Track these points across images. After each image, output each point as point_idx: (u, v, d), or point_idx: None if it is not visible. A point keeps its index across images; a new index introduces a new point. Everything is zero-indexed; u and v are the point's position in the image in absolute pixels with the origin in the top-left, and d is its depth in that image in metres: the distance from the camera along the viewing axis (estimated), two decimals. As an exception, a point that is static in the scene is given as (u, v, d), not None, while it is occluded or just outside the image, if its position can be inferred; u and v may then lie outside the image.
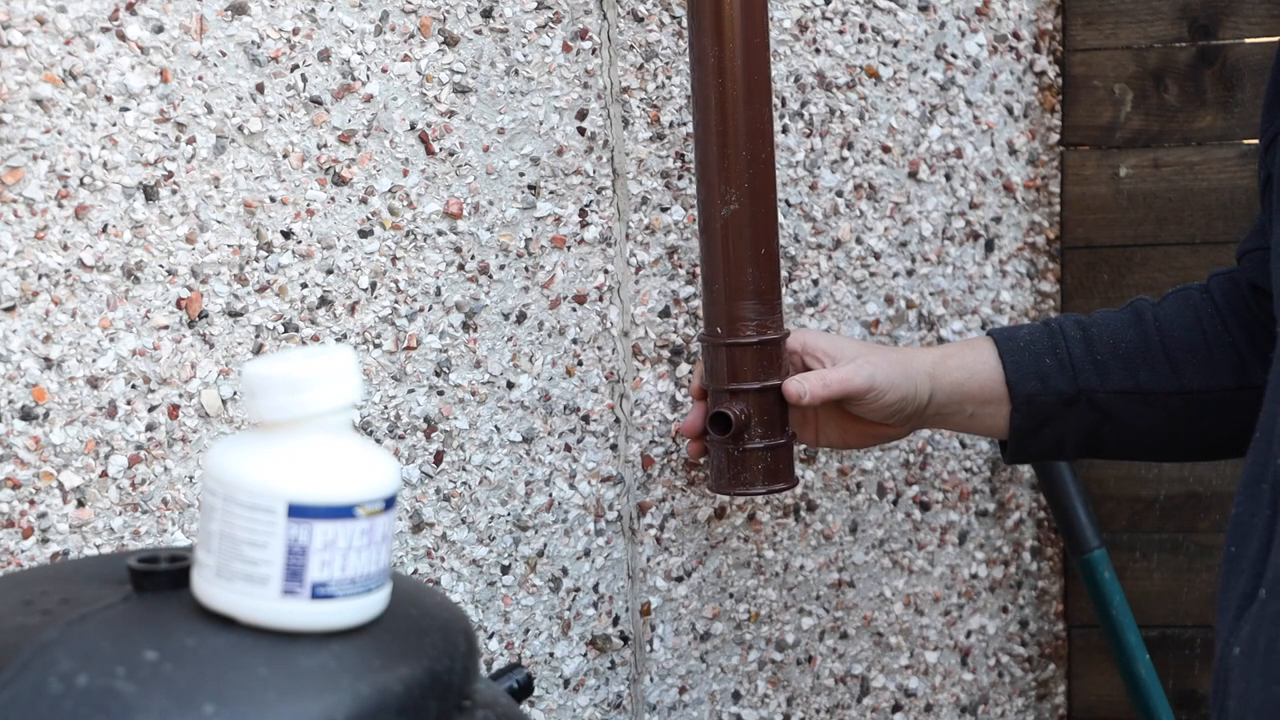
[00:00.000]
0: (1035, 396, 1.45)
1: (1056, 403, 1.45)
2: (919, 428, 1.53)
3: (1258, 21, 1.73)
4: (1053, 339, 1.46)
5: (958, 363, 1.48)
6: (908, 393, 1.46)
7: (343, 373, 0.91)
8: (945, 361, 1.48)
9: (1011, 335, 1.48)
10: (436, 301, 1.49)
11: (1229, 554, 1.21)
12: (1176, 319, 1.45)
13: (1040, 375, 1.45)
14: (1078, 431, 1.46)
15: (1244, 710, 1.12)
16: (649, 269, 1.60)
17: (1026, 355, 1.46)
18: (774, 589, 1.70)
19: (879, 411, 1.46)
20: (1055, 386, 1.45)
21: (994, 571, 1.82)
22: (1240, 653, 1.13)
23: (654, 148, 1.59)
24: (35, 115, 1.29)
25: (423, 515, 1.50)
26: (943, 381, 1.47)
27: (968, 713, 1.83)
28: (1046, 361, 1.45)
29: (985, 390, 1.47)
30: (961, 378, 1.47)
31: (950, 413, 1.48)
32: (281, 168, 1.40)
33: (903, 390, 1.45)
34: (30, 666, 0.86)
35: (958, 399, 1.47)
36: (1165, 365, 1.43)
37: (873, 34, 1.69)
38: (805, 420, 1.53)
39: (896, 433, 1.51)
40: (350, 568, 0.91)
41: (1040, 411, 1.45)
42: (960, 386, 1.47)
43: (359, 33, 1.43)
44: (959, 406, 1.48)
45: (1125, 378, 1.44)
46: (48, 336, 1.31)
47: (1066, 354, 1.45)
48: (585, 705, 1.61)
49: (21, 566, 1.32)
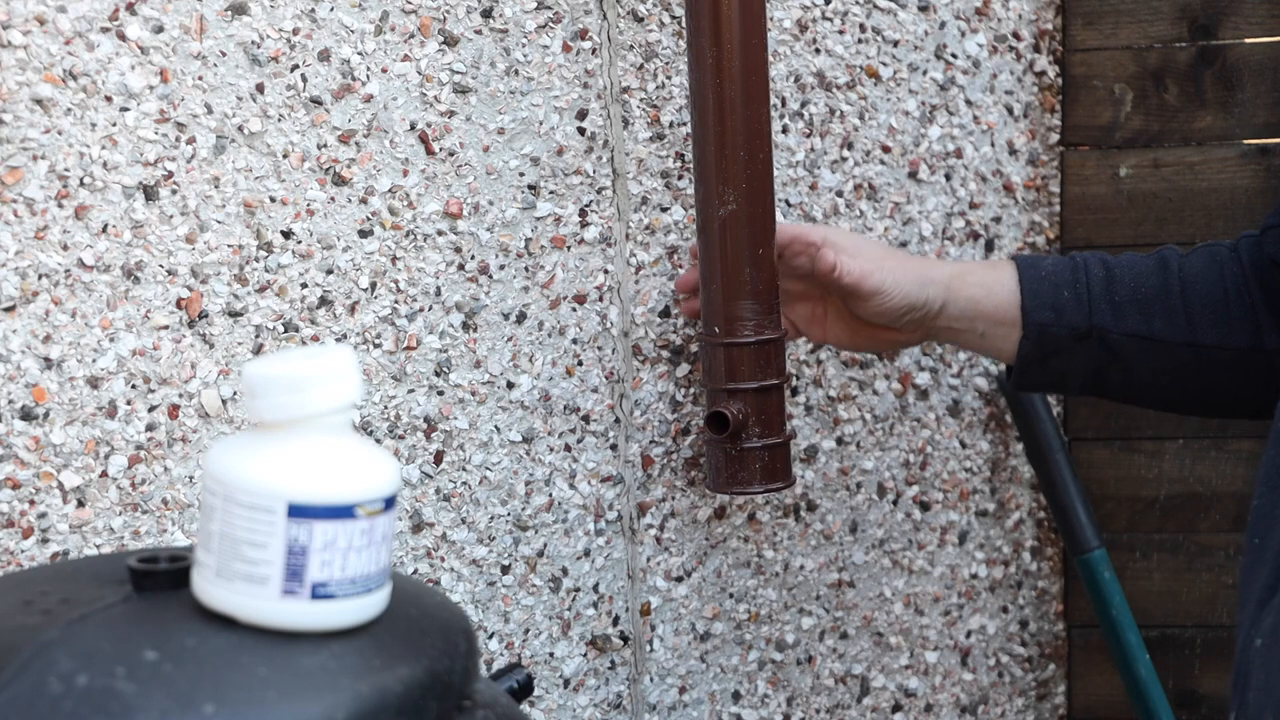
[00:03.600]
0: (1047, 326, 1.45)
1: (1068, 336, 1.45)
2: (928, 337, 1.53)
3: (1258, 21, 1.73)
4: (1075, 273, 1.46)
5: (977, 279, 1.48)
6: (917, 300, 1.46)
7: (343, 373, 0.91)
8: (964, 276, 1.48)
9: (1035, 263, 1.48)
10: (436, 301, 1.49)
11: (1251, 546, 1.20)
12: (1201, 272, 1.45)
13: (1056, 307, 1.45)
14: (1084, 368, 1.46)
15: (1265, 702, 1.12)
16: (649, 269, 1.60)
17: (1046, 285, 1.46)
18: (774, 589, 1.70)
19: (885, 315, 1.46)
20: (1069, 320, 1.44)
21: (994, 571, 1.82)
22: (1262, 644, 1.13)
23: (654, 148, 1.59)
24: (35, 115, 1.29)
25: (423, 515, 1.50)
26: (958, 295, 1.47)
27: (968, 713, 1.83)
28: (1064, 294, 1.45)
29: (999, 312, 1.47)
30: (978, 295, 1.47)
31: (961, 328, 1.49)
32: (281, 168, 1.40)
33: (912, 298, 1.45)
34: (30, 666, 0.86)
35: (970, 315, 1.47)
36: (1181, 315, 1.43)
37: (873, 34, 1.69)
38: (813, 317, 1.53)
39: (905, 338, 1.52)
40: (350, 568, 0.91)
41: (1050, 342, 1.45)
42: (975, 303, 1.47)
43: (359, 33, 1.43)
44: (970, 323, 1.48)
45: (1140, 322, 1.44)
46: (48, 336, 1.31)
47: (1086, 290, 1.45)
48: (585, 705, 1.61)
49: (21, 566, 1.32)
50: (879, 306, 1.46)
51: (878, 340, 1.53)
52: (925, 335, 1.52)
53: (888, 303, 1.46)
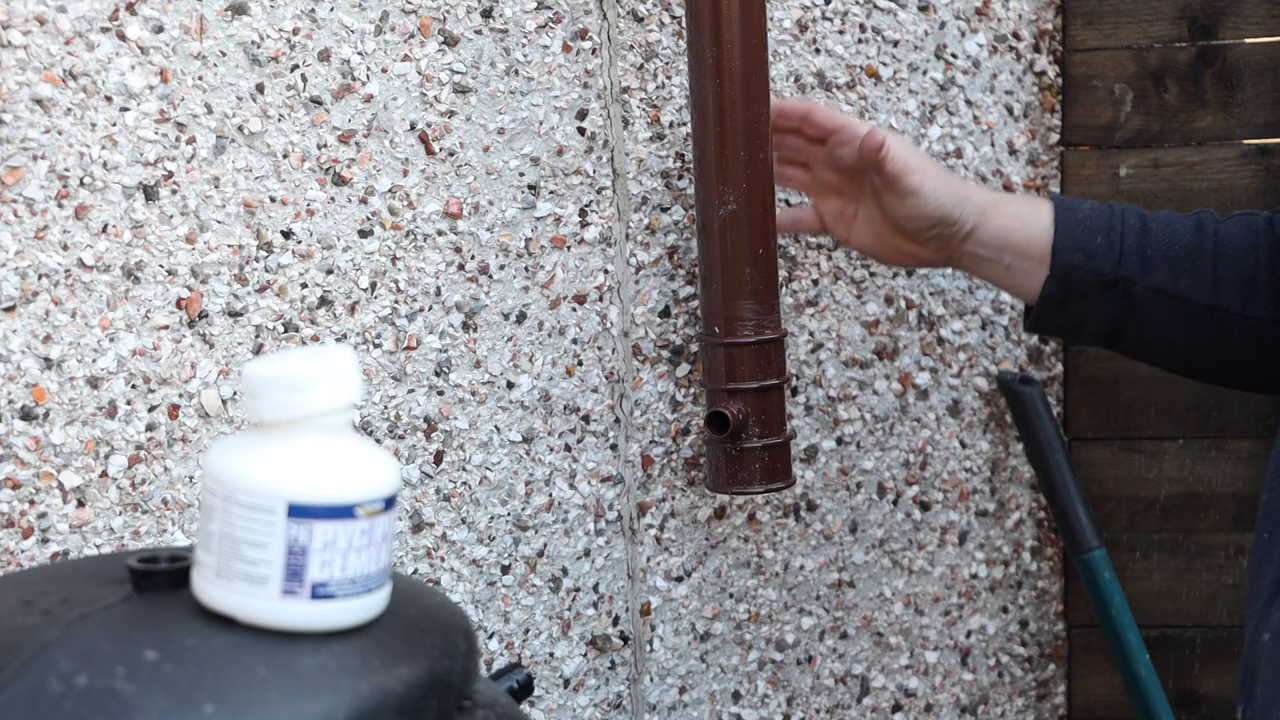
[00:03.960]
0: (1075, 269, 1.44)
1: (1093, 282, 1.44)
2: (950, 262, 1.51)
3: (1258, 21, 1.73)
4: (1110, 220, 1.45)
5: (1013, 210, 1.47)
6: (950, 212, 1.45)
7: (343, 373, 0.91)
8: (1000, 205, 1.47)
9: (1072, 205, 1.47)
10: (436, 301, 1.49)
11: (1260, 541, 1.20)
12: (1235, 238, 1.44)
13: (1086, 250, 1.44)
14: (1103, 317, 1.46)
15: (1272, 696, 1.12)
16: (649, 269, 1.60)
17: (1080, 227, 1.45)
18: (774, 589, 1.70)
19: (915, 220, 1.45)
20: (1097, 266, 1.44)
21: (994, 571, 1.82)
22: (1270, 639, 1.13)
23: (654, 148, 1.59)
24: (35, 115, 1.29)
25: (423, 515, 1.50)
26: (991, 222, 1.46)
27: (968, 713, 1.83)
28: (1097, 239, 1.44)
29: (1029, 246, 1.46)
30: (1012, 225, 1.46)
31: (987, 256, 1.48)
32: (281, 168, 1.40)
33: (946, 209, 1.44)
34: (30, 666, 0.86)
35: (999, 243, 1.46)
36: (1209, 278, 1.43)
37: (873, 34, 1.69)
38: (843, 215, 1.52)
39: (927, 255, 1.50)
40: (350, 568, 0.91)
41: (1075, 286, 1.45)
42: (1007, 233, 1.46)
43: (359, 33, 1.43)
44: (998, 253, 1.47)
45: (1167, 278, 1.43)
46: (48, 336, 1.31)
47: (1119, 238, 1.44)
48: (585, 705, 1.61)
49: (21, 566, 1.32)
50: (911, 209, 1.44)
51: (900, 252, 1.50)
52: (948, 258, 1.50)
53: (921, 207, 1.44)
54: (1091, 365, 1.79)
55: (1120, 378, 1.79)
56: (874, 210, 1.49)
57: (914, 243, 1.48)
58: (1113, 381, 1.80)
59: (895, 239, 1.49)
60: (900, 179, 1.44)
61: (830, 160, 1.50)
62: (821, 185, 1.52)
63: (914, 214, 1.44)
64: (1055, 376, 1.80)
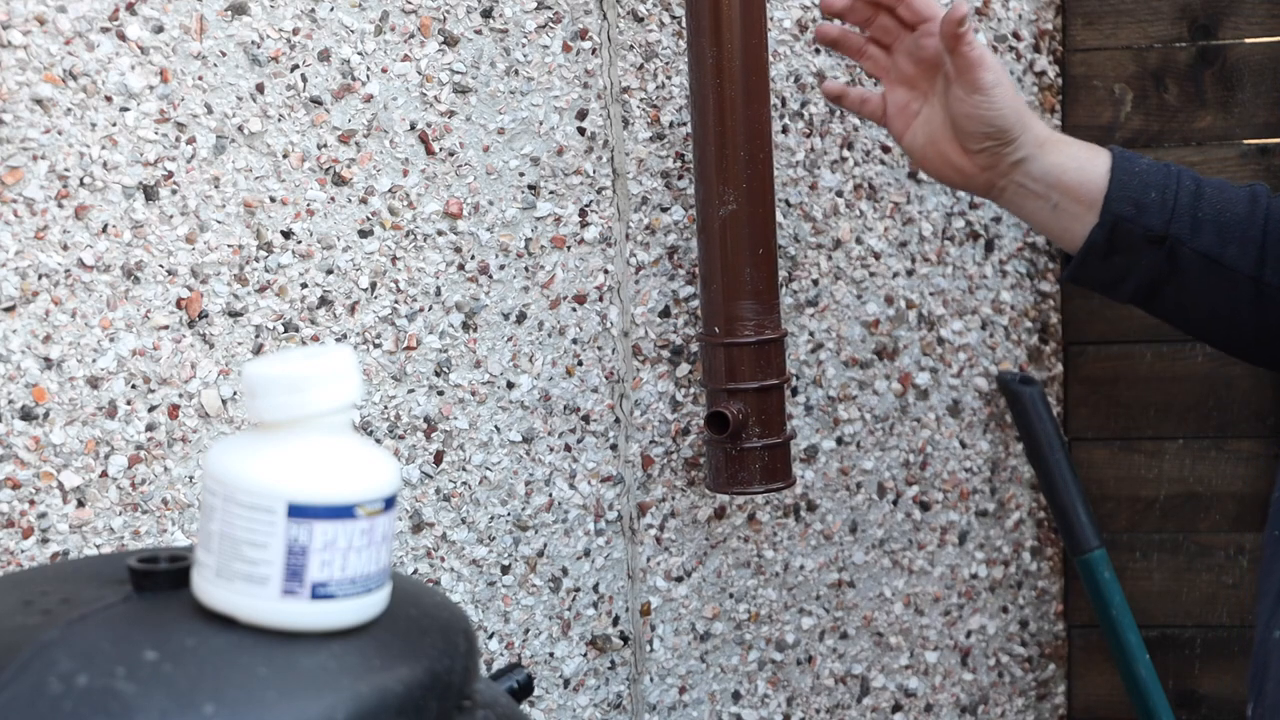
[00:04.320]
0: (1124, 220, 1.42)
1: (1141, 237, 1.42)
2: (994, 188, 1.48)
3: (1258, 21, 1.73)
4: (1166, 179, 1.44)
5: (1071, 151, 1.45)
6: (1010, 127, 1.42)
7: (343, 373, 0.91)
8: (1059, 144, 1.45)
9: (1131, 158, 1.45)
10: (436, 301, 1.49)
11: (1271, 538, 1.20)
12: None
13: (1139, 204, 1.42)
14: (1145, 274, 1.44)
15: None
16: (649, 269, 1.60)
17: (1136, 180, 1.43)
18: (774, 589, 1.70)
19: (977, 122, 1.42)
20: (1147, 221, 1.42)
21: (994, 571, 1.82)
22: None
23: (654, 148, 1.59)
24: (35, 115, 1.29)
25: (423, 515, 1.50)
26: (1047, 156, 1.44)
27: (968, 713, 1.83)
28: (1151, 195, 1.43)
29: (1081, 190, 1.44)
30: (1067, 165, 1.44)
31: (1036, 192, 1.45)
32: (281, 168, 1.40)
33: (1008, 122, 1.42)
34: (30, 666, 0.86)
35: (1051, 181, 1.44)
36: (1257, 249, 1.41)
37: (873, 34, 1.69)
38: (906, 110, 1.50)
39: (974, 173, 1.47)
40: (350, 568, 0.91)
41: (1121, 238, 1.43)
42: (1061, 171, 1.44)
43: (359, 33, 1.43)
44: (1046, 190, 1.45)
45: (1214, 244, 1.42)
46: (48, 336, 1.31)
47: (1174, 197, 1.43)
48: (585, 705, 1.61)
49: (21, 566, 1.32)
50: (975, 108, 1.41)
51: (948, 163, 1.48)
52: (991, 183, 1.47)
53: (986, 108, 1.41)
54: (1091, 365, 1.79)
55: (1120, 378, 1.79)
56: (938, 112, 1.46)
57: (965, 154, 1.46)
58: (1113, 381, 1.79)
59: (948, 146, 1.46)
60: (974, 70, 1.41)
61: (913, 49, 1.48)
62: (897, 72, 1.49)
63: (976, 114, 1.42)
64: (1055, 376, 1.80)
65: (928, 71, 1.47)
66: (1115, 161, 1.44)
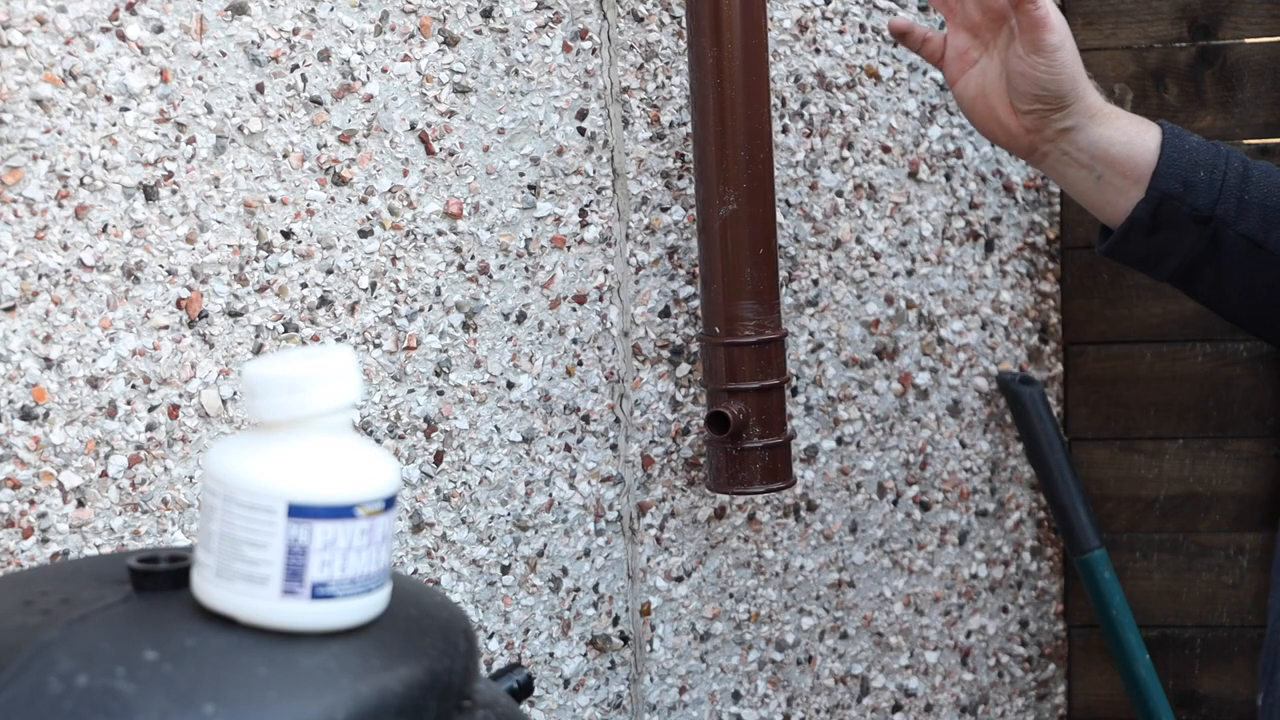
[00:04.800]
0: (1170, 197, 1.40)
1: (1186, 215, 1.41)
2: (1036, 153, 1.45)
3: (1258, 21, 1.73)
4: (1215, 159, 1.42)
5: (1121, 124, 1.43)
6: (1065, 93, 1.40)
7: (343, 373, 0.91)
8: (1110, 116, 1.43)
9: (1181, 134, 1.43)
10: (436, 301, 1.49)
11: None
12: None
13: (1187, 182, 1.40)
14: (1186, 254, 1.42)
15: None
16: (649, 269, 1.60)
17: (1185, 158, 1.41)
18: (774, 589, 1.70)
19: (1031, 82, 1.40)
20: (1193, 199, 1.40)
21: (994, 571, 1.82)
22: None
23: (654, 148, 1.59)
24: (35, 115, 1.29)
25: (423, 515, 1.50)
26: (1097, 128, 1.42)
27: (968, 713, 1.83)
28: (1200, 174, 1.41)
29: (1128, 163, 1.42)
30: (1116, 137, 1.42)
31: (1081, 162, 1.43)
32: (281, 168, 1.40)
33: (1064, 86, 1.39)
34: (30, 666, 0.86)
35: (1097, 152, 1.42)
36: None
37: (873, 34, 1.69)
38: (964, 57, 1.47)
39: (1018, 133, 1.45)
40: (350, 568, 0.91)
41: (1167, 216, 1.41)
42: (1108, 144, 1.42)
43: (359, 33, 1.43)
44: (1092, 161, 1.42)
45: (1258, 227, 1.40)
46: (48, 336, 1.31)
47: (1221, 177, 1.41)
48: (585, 705, 1.61)
49: (21, 566, 1.32)
50: (1033, 69, 1.39)
51: (994, 119, 1.45)
52: (1033, 146, 1.44)
53: (1045, 71, 1.39)
54: (1091, 365, 1.79)
55: (1120, 378, 1.79)
56: (995, 65, 1.43)
57: (1013, 112, 1.43)
58: (1113, 381, 1.79)
59: (997, 101, 1.44)
60: (1038, 29, 1.38)
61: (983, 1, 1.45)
62: (963, 17, 1.46)
63: (1032, 75, 1.39)
64: (1055, 376, 1.80)
65: (993, 22, 1.45)
66: (1166, 138, 1.42)
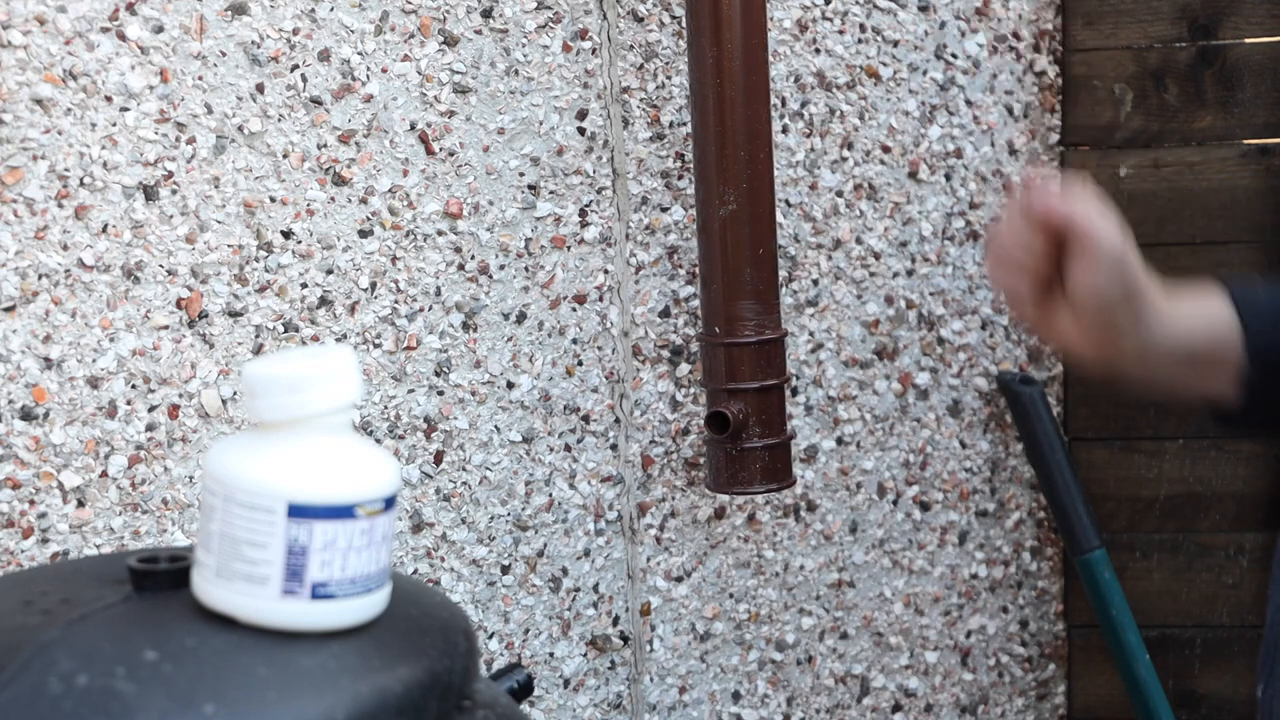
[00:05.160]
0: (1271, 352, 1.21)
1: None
2: (1116, 359, 1.24)
3: (1258, 21, 1.73)
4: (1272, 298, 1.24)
5: (1190, 307, 1.23)
6: (1113, 290, 1.16)
7: (343, 373, 0.91)
8: (1176, 302, 1.22)
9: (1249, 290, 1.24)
10: (436, 301, 1.49)
11: None
12: None
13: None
14: None
15: None
16: (649, 269, 1.60)
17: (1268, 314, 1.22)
18: (774, 589, 1.70)
19: (1090, 287, 1.16)
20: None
21: (994, 571, 1.82)
22: None
23: (654, 148, 1.59)
24: (35, 115, 1.29)
25: (423, 515, 1.50)
26: (1173, 322, 1.21)
27: (968, 713, 1.82)
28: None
29: (1215, 343, 1.22)
30: (1194, 315, 1.22)
31: (1176, 359, 1.23)
32: (281, 168, 1.40)
33: (1110, 289, 1.16)
34: (30, 666, 0.86)
35: (1183, 341, 1.22)
36: None
37: (873, 34, 1.69)
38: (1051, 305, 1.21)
39: (1092, 343, 1.22)
40: (350, 568, 0.91)
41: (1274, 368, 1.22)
42: (1191, 328, 1.22)
43: (359, 33, 1.43)
44: (1184, 350, 1.22)
45: None
46: (48, 336, 1.31)
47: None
48: (585, 705, 1.61)
49: (21, 566, 1.32)
50: (1092, 261, 1.14)
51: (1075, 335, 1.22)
52: (1113, 351, 1.23)
53: (1097, 263, 1.13)
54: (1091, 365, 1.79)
55: (1120, 378, 1.79)
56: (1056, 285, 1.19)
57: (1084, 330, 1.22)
58: (1113, 381, 1.79)
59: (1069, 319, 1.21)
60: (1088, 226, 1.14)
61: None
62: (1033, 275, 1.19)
63: (1089, 279, 1.17)
64: (1055, 376, 1.80)
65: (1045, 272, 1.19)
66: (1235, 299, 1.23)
